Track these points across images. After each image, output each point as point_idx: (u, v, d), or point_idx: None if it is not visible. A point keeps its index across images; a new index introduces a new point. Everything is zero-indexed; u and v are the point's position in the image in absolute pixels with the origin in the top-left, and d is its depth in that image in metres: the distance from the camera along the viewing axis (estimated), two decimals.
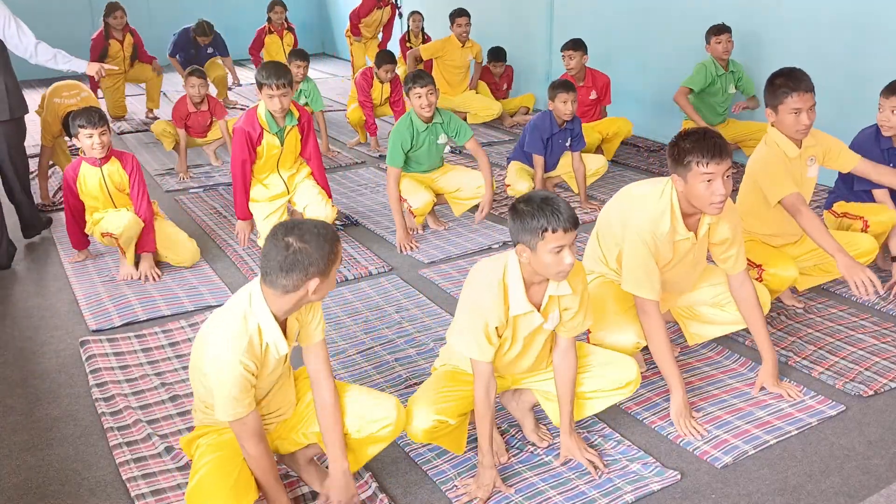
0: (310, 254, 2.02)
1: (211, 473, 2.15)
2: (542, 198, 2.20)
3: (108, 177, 3.93)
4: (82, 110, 3.82)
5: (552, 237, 2.15)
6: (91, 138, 3.78)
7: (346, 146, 6.74)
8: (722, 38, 5.26)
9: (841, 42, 5.04)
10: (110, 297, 3.81)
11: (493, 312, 2.29)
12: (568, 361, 2.49)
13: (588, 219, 4.77)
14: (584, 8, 7.08)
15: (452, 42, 7.04)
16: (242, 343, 2.05)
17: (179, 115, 5.77)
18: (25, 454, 2.67)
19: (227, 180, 5.70)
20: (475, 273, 2.39)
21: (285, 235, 2.03)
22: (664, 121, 5.99)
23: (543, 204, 2.17)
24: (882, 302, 3.59)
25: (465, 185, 4.53)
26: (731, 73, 5.40)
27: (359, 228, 4.78)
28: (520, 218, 2.20)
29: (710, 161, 2.50)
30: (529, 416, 2.72)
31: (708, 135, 2.54)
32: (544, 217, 2.15)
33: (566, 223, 2.16)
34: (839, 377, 3.00)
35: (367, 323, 3.55)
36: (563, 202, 2.21)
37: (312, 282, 2.05)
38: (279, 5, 7.97)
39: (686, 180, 2.57)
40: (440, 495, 2.44)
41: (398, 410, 2.29)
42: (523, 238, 2.21)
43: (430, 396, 2.40)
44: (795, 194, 3.07)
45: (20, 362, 3.27)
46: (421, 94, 4.27)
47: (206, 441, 2.27)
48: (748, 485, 2.46)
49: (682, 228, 2.68)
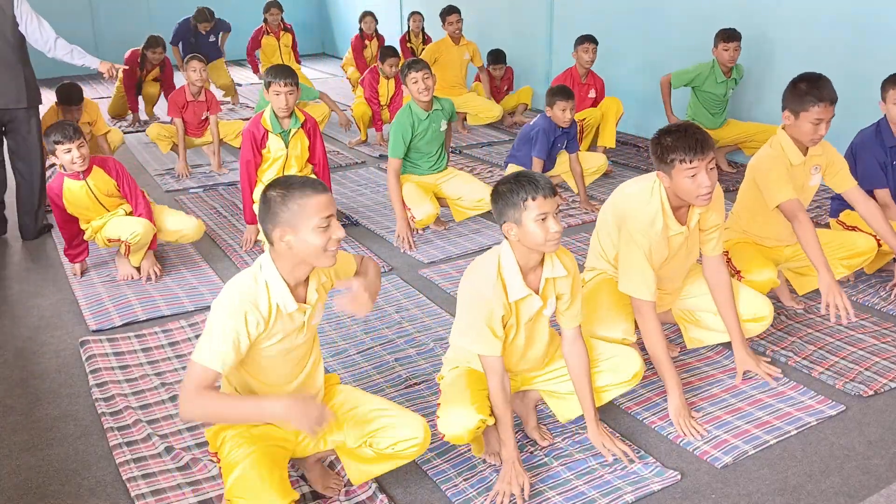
0: (276, 201, 2.03)
1: (254, 467, 2.09)
2: (517, 174, 2.29)
3: (95, 188, 3.84)
4: (56, 125, 3.71)
5: (533, 205, 2.21)
6: (70, 153, 3.68)
7: (347, 146, 6.75)
8: (730, 46, 5.17)
9: (841, 42, 5.04)
10: (110, 297, 3.81)
11: (494, 302, 2.31)
12: (577, 350, 2.51)
13: (589, 219, 4.78)
14: (583, 8, 7.08)
15: (446, 42, 7.02)
16: (252, 297, 2.04)
17: (177, 104, 5.78)
18: (25, 454, 2.67)
19: (227, 180, 5.71)
20: (470, 271, 2.41)
21: (268, 186, 2.08)
22: (664, 121, 5.98)
23: (519, 177, 2.27)
24: (882, 302, 3.60)
25: (467, 195, 4.54)
26: (733, 80, 5.38)
27: (359, 228, 4.78)
28: (500, 196, 2.29)
29: (694, 157, 2.53)
30: (532, 413, 2.73)
31: (689, 131, 2.56)
32: (522, 188, 2.23)
33: (545, 190, 2.22)
34: (839, 377, 3.00)
35: (367, 323, 3.55)
36: (539, 173, 2.30)
37: (281, 232, 2.03)
38: (275, 6, 7.98)
39: (671, 176, 2.61)
40: (440, 495, 2.44)
41: (426, 432, 2.27)
42: (507, 214, 2.27)
43: (466, 396, 2.39)
44: (795, 200, 3.07)
45: (20, 362, 3.27)
46: (417, 79, 4.31)
47: (233, 432, 2.21)
48: (748, 485, 2.46)
49: (675, 224, 2.72)
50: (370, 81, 6.43)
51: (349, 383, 3.03)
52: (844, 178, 3.32)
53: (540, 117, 4.80)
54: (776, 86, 4.43)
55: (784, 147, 3.15)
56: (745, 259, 3.27)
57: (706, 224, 2.84)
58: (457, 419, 2.35)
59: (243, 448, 2.15)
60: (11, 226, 4.70)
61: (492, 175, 5.68)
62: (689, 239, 2.82)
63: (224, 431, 2.24)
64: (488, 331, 2.32)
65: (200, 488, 2.46)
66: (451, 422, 2.36)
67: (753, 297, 3.00)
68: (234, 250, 4.39)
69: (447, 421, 2.37)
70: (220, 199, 5.35)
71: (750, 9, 5.60)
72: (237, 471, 2.10)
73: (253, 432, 2.22)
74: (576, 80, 5.67)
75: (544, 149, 4.72)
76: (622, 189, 2.87)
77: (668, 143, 2.58)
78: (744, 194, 3.35)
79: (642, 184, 2.77)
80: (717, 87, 5.34)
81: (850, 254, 3.41)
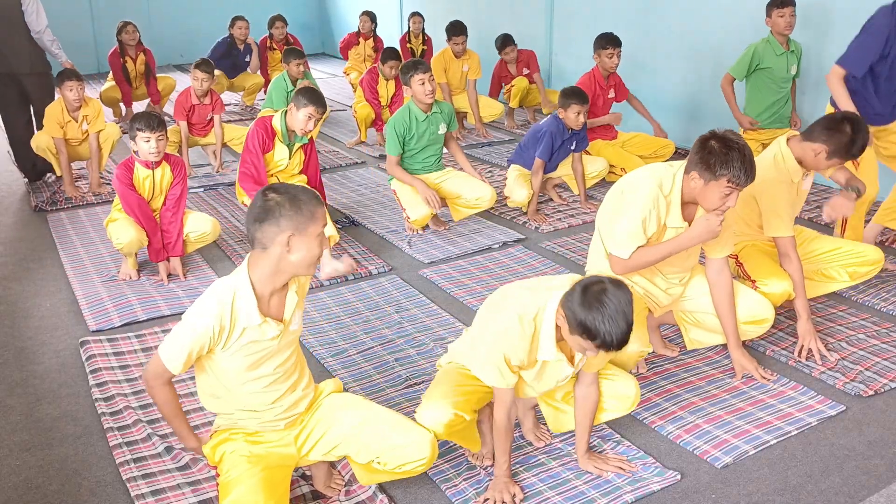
0: (282, 204, 2.02)
1: (251, 492, 2.10)
2: (598, 296, 2.07)
3: (160, 181, 3.93)
4: (143, 115, 3.83)
5: (593, 344, 2.10)
6: (149, 142, 3.77)
7: (346, 146, 6.75)
8: (785, 12, 4.75)
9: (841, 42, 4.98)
10: (110, 297, 3.81)
11: (516, 351, 2.24)
12: (591, 393, 2.45)
13: (589, 219, 4.78)
14: (583, 8, 7.08)
15: (448, 54, 6.95)
16: (221, 305, 2.04)
17: (182, 107, 5.79)
18: (25, 454, 2.67)
19: (228, 181, 5.71)
20: (506, 304, 2.30)
21: (267, 191, 2.07)
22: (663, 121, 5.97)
23: (604, 310, 2.05)
24: (883, 303, 3.60)
25: (466, 194, 4.54)
26: (793, 53, 4.92)
27: (359, 228, 4.78)
28: (571, 311, 2.12)
29: (743, 183, 2.52)
30: (530, 414, 2.72)
31: (745, 152, 2.51)
32: (596, 329, 2.06)
33: (613, 347, 2.09)
34: (839, 377, 3.00)
35: (367, 323, 3.55)
36: (622, 329, 2.05)
37: (286, 236, 2.02)
38: (280, 20, 7.96)
39: (706, 183, 2.57)
40: (440, 495, 2.44)
41: (433, 449, 2.26)
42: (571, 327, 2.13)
43: (445, 391, 2.39)
44: (792, 238, 3.10)
45: (20, 362, 3.27)
46: (423, 80, 4.33)
47: (232, 448, 2.21)
48: (748, 485, 2.46)
49: (678, 218, 2.69)
50: (369, 82, 6.42)
51: (349, 383, 3.03)
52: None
53: (550, 118, 4.77)
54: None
55: (788, 166, 3.09)
56: (758, 267, 3.23)
57: None
58: (432, 412, 2.34)
59: (242, 468, 2.15)
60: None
61: (492, 175, 5.68)
62: None
63: (223, 446, 2.23)
64: (506, 367, 2.27)
65: (200, 488, 2.46)
66: (426, 414, 2.35)
67: (755, 300, 3.00)
68: (235, 250, 4.38)
69: (423, 412, 2.36)
70: (221, 199, 5.35)
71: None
72: (234, 494, 2.11)
73: (253, 451, 2.21)
74: (598, 82, 5.33)
75: (547, 151, 4.70)
76: (625, 176, 2.87)
77: (721, 154, 2.50)
78: (744, 205, 3.25)
79: (660, 168, 2.74)
80: (778, 60, 4.86)
81: (859, 261, 3.34)
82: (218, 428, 2.29)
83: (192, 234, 4.04)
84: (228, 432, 2.26)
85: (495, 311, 2.32)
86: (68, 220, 4.91)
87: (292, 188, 2.09)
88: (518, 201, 4.82)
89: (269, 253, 2.05)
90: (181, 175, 3.98)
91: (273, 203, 2.03)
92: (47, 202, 5.19)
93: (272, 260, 2.06)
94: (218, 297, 2.06)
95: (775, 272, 3.18)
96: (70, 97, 5.11)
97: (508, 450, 2.39)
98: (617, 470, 2.49)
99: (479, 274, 4.05)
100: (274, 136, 4.18)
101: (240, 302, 2.06)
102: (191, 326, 2.06)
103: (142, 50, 7.33)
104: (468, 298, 3.76)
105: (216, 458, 2.25)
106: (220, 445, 2.24)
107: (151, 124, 3.77)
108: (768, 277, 3.16)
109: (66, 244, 4.50)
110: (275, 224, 2.02)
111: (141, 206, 3.89)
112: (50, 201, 5.21)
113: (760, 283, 3.17)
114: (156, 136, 3.77)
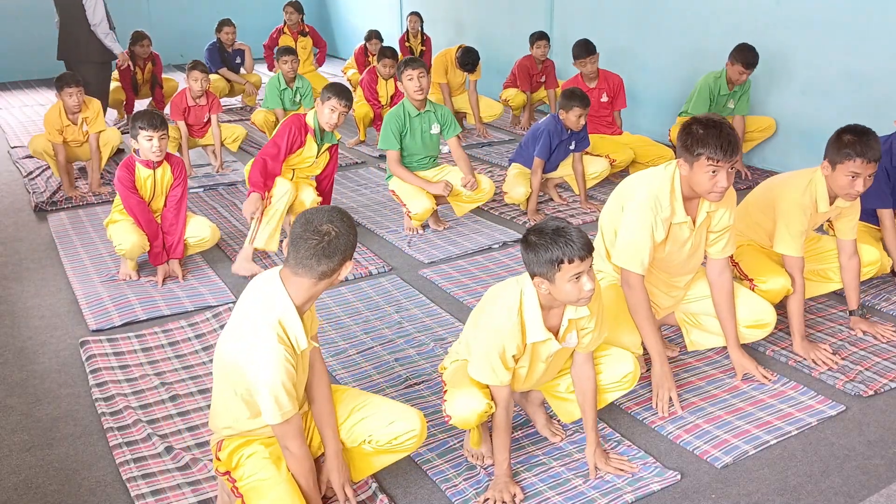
0: (345, 237, 2.07)
1: (288, 495, 2.10)
2: (554, 229, 2.15)
3: (160, 181, 3.92)
4: (144, 113, 3.82)
5: (569, 267, 2.12)
6: (151, 141, 3.76)
7: (346, 146, 6.75)
8: (747, 72, 5.14)
9: (841, 41, 5.03)
10: (110, 297, 3.81)
11: (510, 340, 2.27)
12: (586, 374, 2.47)
13: (589, 219, 4.78)
14: (584, 8, 7.08)
15: (449, 54, 6.92)
16: (274, 335, 2.02)
17: (178, 108, 5.78)
18: (25, 454, 2.67)
19: (228, 181, 5.71)
20: (491, 300, 2.35)
21: (319, 224, 2.05)
22: (663, 121, 5.99)
23: (556, 235, 2.13)
24: (883, 303, 3.60)
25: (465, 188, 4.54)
26: (734, 93, 5.33)
27: (359, 228, 4.75)
28: (533, 250, 2.17)
29: (721, 158, 2.52)
30: (540, 411, 2.72)
31: (723, 130, 2.52)
32: (558, 248, 2.11)
33: (581, 251, 2.12)
34: (839, 377, 3.00)
35: (367, 323, 3.55)
36: (575, 230, 2.16)
37: (346, 265, 2.09)
38: (291, 6, 7.99)
39: (691, 167, 2.60)
40: (440, 495, 2.44)
41: (422, 423, 2.29)
42: (539, 270, 2.17)
43: (471, 381, 2.38)
44: (800, 259, 3.11)
45: (20, 362, 3.27)
46: (413, 77, 4.36)
47: (251, 451, 2.19)
48: (748, 485, 2.46)
49: (681, 211, 2.70)
50: (368, 83, 6.43)
51: (349, 383, 3.03)
52: (848, 228, 3.21)
53: (549, 118, 4.77)
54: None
55: (818, 196, 3.05)
56: (755, 266, 3.23)
57: (717, 226, 2.82)
58: (465, 402, 2.34)
59: (269, 470, 2.14)
60: None
61: (492, 175, 5.68)
62: (695, 237, 2.80)
63: (241, 450, 2.20)
64: (499, 363, 2.28)
65: (200, 488, 2.46)
66: (460, 404, 2.34)
67: (757, 303, 2.99)
68: (235, 251, 4.38)
69: (455, 404, 2.35)
70: (221, 199, 5.35)
71: (749, 10, 5.58)
72: (271, 495, 2.09)
73: (274, 452, 2.20)
74: (583, 87, 5.34)
75: (546, 150, 4.70)
76: (629, 178, 2.88)
77: (699, 134, 2.54)
78: (754, 206, 3.29)
79: (652, 172, 2.77)
80: (719, 97, 5.31)
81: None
82: (226, 436, 2.25)
83: (192, 238, 4.04)
84: (244, 438, 2.23)
85: (483, 314, 2.37)
86: (68, 220, 4.91)
87: (338, 216, 2.10)
88: (515, 198, 4.82)
89: (326, 280, 2.08)
90: (181, 176, 3.97)
91: (337, 239, 2.05)
92: (47, 202, 5.20)
93: (324, 284, 2.09)
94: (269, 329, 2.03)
95: (772, 269, 3.19)
96: (69, 103, 5.12)
97: (508, 449, 2.39)
98: (617, 472, 2.49)
99: (479, 274, 4.05)
100: (307, 132, 4.17)
101: (290, 329, 2.06)
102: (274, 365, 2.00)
103: (150, 59, 7.34)
104: (468, 298, 3.76)
105: (232, 464, 2.20)
106: (237, 451, 2.21)
107: (154, 123, 3.76)
108: (765, 275, 3.17)
109: (66, 244, 4.50)
110: (340, 257, 2.07)
111: (142, 211, 3.89)
112: (50, 201, 5.21)
113: (758, 280, 3.17)
114: (158, 134, 3.77)
